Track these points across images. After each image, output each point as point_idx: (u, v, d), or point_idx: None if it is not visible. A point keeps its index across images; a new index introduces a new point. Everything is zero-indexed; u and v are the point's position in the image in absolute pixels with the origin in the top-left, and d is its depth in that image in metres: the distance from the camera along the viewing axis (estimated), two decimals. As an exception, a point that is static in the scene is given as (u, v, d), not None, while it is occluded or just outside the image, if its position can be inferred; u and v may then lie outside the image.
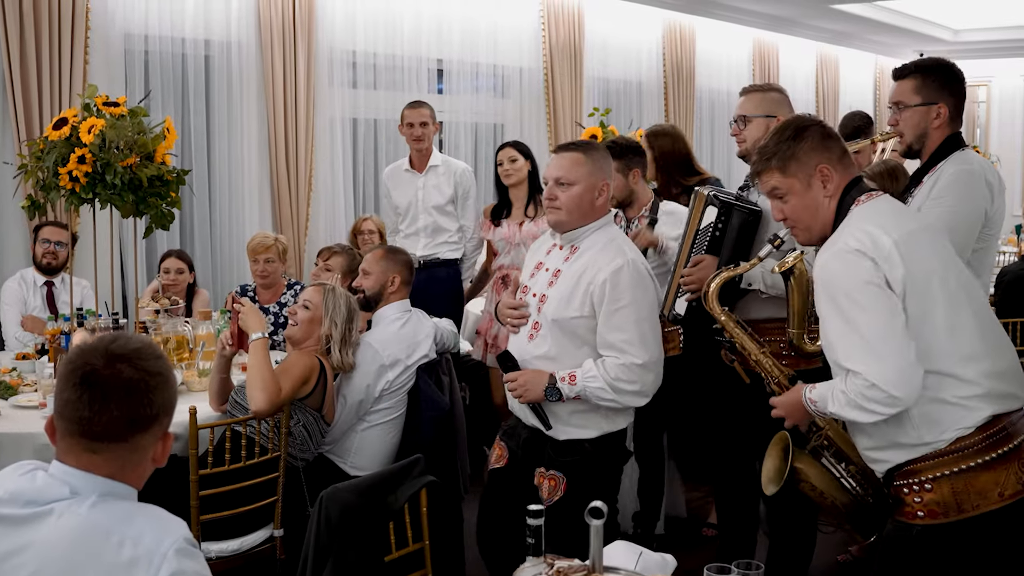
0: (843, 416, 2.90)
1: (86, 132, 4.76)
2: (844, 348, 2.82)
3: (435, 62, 8.72)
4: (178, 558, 1.97)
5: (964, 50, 13.60)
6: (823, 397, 2.95)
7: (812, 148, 2.99)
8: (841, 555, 5.34)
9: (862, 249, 2.81)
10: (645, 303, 3.60)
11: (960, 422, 2.82)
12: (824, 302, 2.88)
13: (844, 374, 2.83)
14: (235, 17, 7.27)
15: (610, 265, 3.56)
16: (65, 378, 2.04)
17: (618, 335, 3.53)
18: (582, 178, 3.62)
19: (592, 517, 2.48)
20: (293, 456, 4.35)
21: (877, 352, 2.75)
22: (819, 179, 2.98)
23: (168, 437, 2.15)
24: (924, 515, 2.86)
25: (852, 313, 2.79)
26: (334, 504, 3.20)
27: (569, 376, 3.56)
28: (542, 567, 2.48)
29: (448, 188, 6.56)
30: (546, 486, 3.69)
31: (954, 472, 2.82)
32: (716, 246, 4.17)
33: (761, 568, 2.49)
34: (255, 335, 4.28)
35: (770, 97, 4.35)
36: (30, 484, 2.06)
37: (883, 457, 2.95)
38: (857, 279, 2.80)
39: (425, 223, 6.58)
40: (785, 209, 3.05)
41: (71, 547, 1.97)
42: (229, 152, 7.36)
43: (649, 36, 10.79)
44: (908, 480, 2.89)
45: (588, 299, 3.57)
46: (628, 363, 3.52)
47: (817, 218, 3.02)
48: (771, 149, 3.04)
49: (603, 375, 3.52)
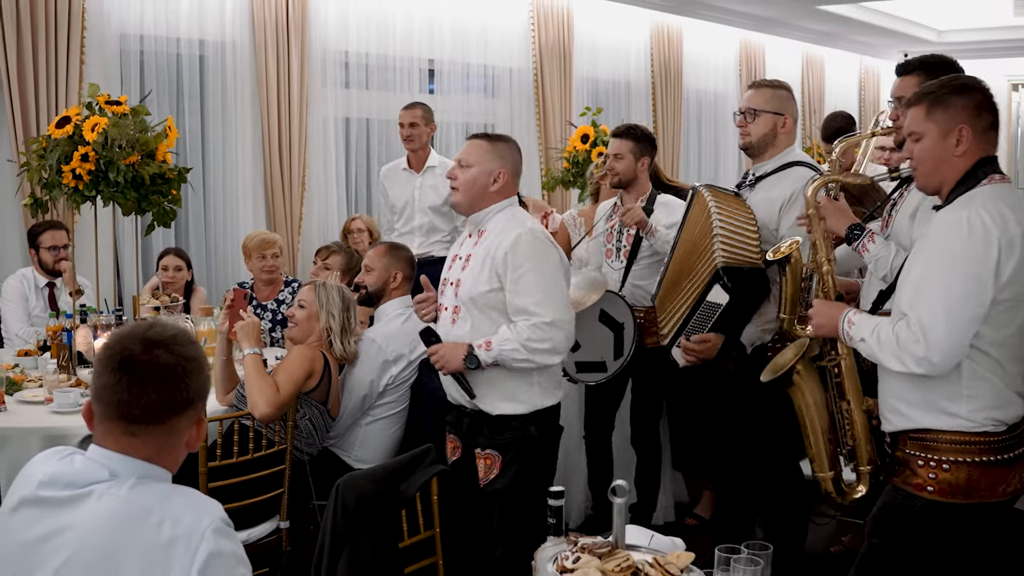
0: (872, 351, 2.99)
1: (89, 130, 4.79)
2: (920, 295, 2.89)
3: (426, 62, 8.77)
4: (216, 537, 2.02)
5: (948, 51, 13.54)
6: (863, 325, 3.04)
7: (964, 107, 3.00)
8: (835, 546, 5.41)
9: (994, 230, 2.86)
10: (548, 266, 3.70)
11: (996, 409, 2.94)
12: (930, 250, 2.94)
13: (900, 318, 2.92)
14: (229, 17, 7.30)
15: (509, 236, 3.69)
16: (103, 363, 2.09)
17: (524, 299, 3.64)
18: (479, 162, 3.81)
19: (615, 495, 2.55)
20: (299, 449, 4.40)
21: (949, 317, 2.84)
22: (955, 137, 2.99)
23: (202, 423, 2.20)
24: (934, 491, 2.97)
25: (952, 275, 2.86)
26: (351, 492, 3.25)
27: (485, 343, 3.66)
28: (564, 545, 2.54)
29: (444, 189, 6.56)
30: (482, 465, 3.77)
31: (976, 461, 2.94)
32: (722, 324, 4.22)
33: (770, 549, 2.55)
34: (247, 350, 4.34)
35: (780, 94, 4.38)
36: (69, 467, 2.10)
37: (911, 414, 3.03)
38: (976, 253, 2.86)
39: (421, 222, 6.66)
40: (915, 150, 3.07)
41: (111, 528, 2.01)
42: (223, 151, 7.39)
43: (637, 37, 10.86)
44: (926, 454, 2.99)
45: (494, 272, 3.69)
46: (537, 322, 3.61)
47: (939, 171, 3.04)
48: (930, 90, 3.05)
49: (516, 337, 3.62)
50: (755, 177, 4.39)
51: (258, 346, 4.36)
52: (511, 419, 3.71)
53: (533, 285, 3.64)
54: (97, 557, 2.00)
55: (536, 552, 2.54)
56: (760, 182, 4.36)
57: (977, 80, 3.13)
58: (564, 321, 3.67)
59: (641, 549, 2.61)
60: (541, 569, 2.47)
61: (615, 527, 2.56)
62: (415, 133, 6.60)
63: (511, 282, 3.64)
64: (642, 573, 2.43)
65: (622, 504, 2.55)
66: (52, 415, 4.39)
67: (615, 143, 5.26)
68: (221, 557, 2.01)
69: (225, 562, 2.02)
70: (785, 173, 4.29)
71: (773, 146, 4.35)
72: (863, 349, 3.05)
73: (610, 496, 2.56)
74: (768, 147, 4.35)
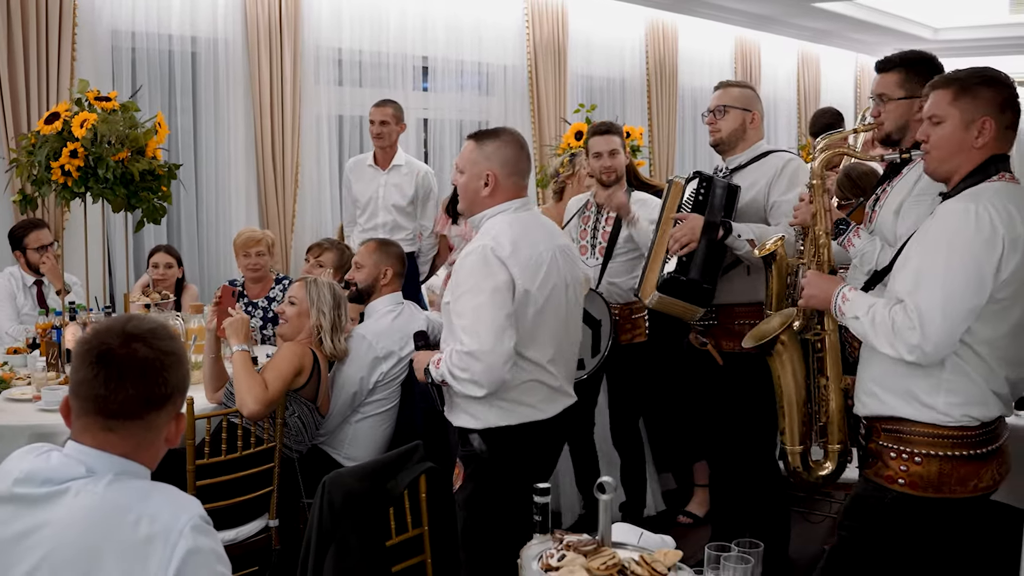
0: (864, 331, 2.96)
1: (78, 126, 4.78)
2: (919, 283, 2.87)
3: (420, 59, 8.75)
4: (194, 535, 1.99)
5: (944, 49, 13.68)
6: (858, 302, 3.01)
7: (991, 99, 2.98)
8: (828, 543, 5.38)
9: (999, 227, 2.84)
10: (486, 289, 3.40)
11: (973, 406, 2.92)
12: (934, 238, 2.91)
13: (895, 303, 2.90)
14: (222, 14, 7.27)
15: (465, 250, 3.53)
16: (81, 357, 2.06)
17: (457, 320, 3.44)
18: (468, 166, 3.62)
19: (600, 492, 2.52)
20: (288, 447, 4.37)
21: (945, 308, 2.82)
22: (977, 127, 2.97)
23: (181, 418, 2.18)
24: (904, 483, 2.98)
25: (954, 266, 2.84)
26: (337, 489, 3.23)
27: (436, 361, 3.51)
28: (550, 543, 2.51)
29: (409, 189, 6.68)
30: (455, 473, 3.66)
31: (948, 455, 2.93)
32: (701, 207, 4.30)
33: (760, 546, 2.53)
34: (236, 347, 4.31)
35: (747, 92, 4.54)
36: (45, 464, 2.08)
37: (887, 399, 3.02)
38: (980, 247, 2.84)
39: (384, 220, 6.68)
40: (932, 134, 3.03)
41: (88, 525, 1.99)
42: (216, 148, 7.37)
43: (632, 34, 10.84)
44: (898, 446, 2.99)
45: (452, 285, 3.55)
46: (459, 349, 3.39)
47: (954, 158, 3.01)
48: (961, 76, 3.02)
49: (446, 360, 3.44)
50: (728, 170, 4.51)
51: (247, 343, 4.33)
52: (467, 432, 3.57)
53: (467, 309, 3.41)
54: (74, 555, 1.98)
55: (522, 550, 2.51)
56: (735, 174, 4.47)
57: (1007, 76, 3.10)
58: (484, 352, 3.34)
59: (628, 547, 2.59)
60: (526, 567, 2.44)
61: (601, 524, 2.54)
62: (385, 131, 6.65)
63: (453, 300, 3.48)
64: (628, 571, 2.40)
65: (608, 501, 2.53)
66: (40, 413, 4.36)
67: (608, 139, 5.20)
68: (199, 554, 1.99)
69: (204, 559, 2.00)
70: (763, 161, 4.43)
71: (743, 140, 4.50)
72: (855, 327, 3.03)
73: (596, 493, 2.54)
74: (739, 142, 4.50)
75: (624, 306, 5.14)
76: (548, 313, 3.51)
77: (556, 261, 3.56)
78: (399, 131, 6.75)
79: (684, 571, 2.48)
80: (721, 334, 4.45)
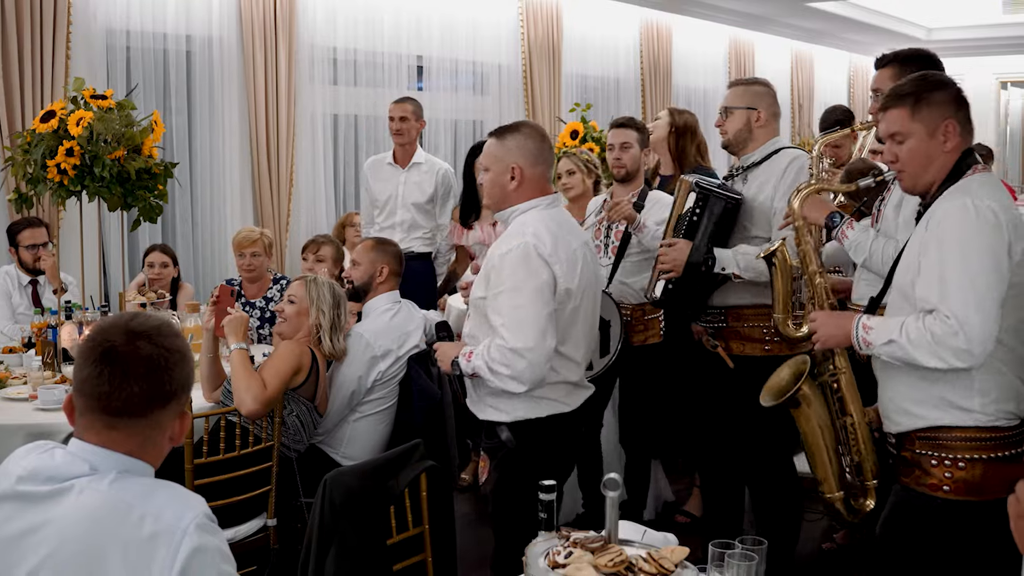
0: (904, 352, 2.88)
1: (74, 125, 4.76)
2: (946, 288, 2.83)
3: (415, 59, 8.76)
4: (199, 533, 1.98)
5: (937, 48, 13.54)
6: (885, 328, 2.95)
7: (947, 101, 2.98)
8: (826, 543, 5.38)
9: (1000, 214, 2.84)
10: (528, 288, 3.39)
11: (1008, 401, 2.91)
12: (942, 242, 2.87)
13: (925, 315, 2.85)
14: (216, 13, 7.27)
15: (502, 247, 3.51)
16: (84, 355, 2.04)
17: (497, 318, 3.43)
18: (492, 163, 3.61)
19: (608, 489, 2.51)
20: (286, 446, 4.36)
21: (979, 305, 2.79)
22: (943, 133, 2.97)
23: (186, 416, 2.16)
24: (950, 490, 2.93)
25: (972, 263, 2.81)
26: (338, 488, 3.21)
27: (468, 354, 3.50)
28: (556, 540, 2.50)
29: (429, 187, 6.63)
30: (481, 467, 3.69)
31: (991, 457, 2.90)
32: (692, 231, 4.30)
33: (764, 544, 2.51)
34: (234, 345, 4.30)
35: (752, 90, 4.48)
36: (50, 461, 2.06)
37: (921, 412, 2.97)
38: (989, 237, 2.83)
39: (403, 218, 6.63)
40: (900, 152, 3.02)
41: (92, 523, 1.97)
42: (211, 147, 7.36)
43: (626, 34, 10.84)
44: (939, 453, 2.94)
45: (487, 280, 3.53)
46: (501, 345, 3.38)
47: (928, 170, 3.01)
48: (908, 89, 3.02)
49: (483, 354, 3.43)
50: (742, 169, 4.47)
51: (244, 342, 4.32)
52: (495, 425, 3.59)
53: (508, 307, 3.40)
54: (77, 553, 1.96)
55: (527, 548, 2.50)
56: (749, 172, 4.43)
57: (946, 75, 3.13)
58: (527, 350, 3.35)
59: (634, 544, 2.58)
60: (532, 564, 2.43)
61: (608, 521, 2.53)
62: (405, 127, 6.58)
63: (491, 297, 3.47)
64: (636, 568, 2.39)
65: (615, 498, 2.51)
66: (37, 412, 4.35)
67: (622, 132, 5.21)
68: (204, 553, 1.97)
69: (209, 558, 1.98)
70: (773, 159, 4.39)
71: (752, 139, 4.44)
72: (890, 352, 2.93)
73: (603, 490, 2.52)
74: (747, 141, 4.45)
75: (637, 307, 5.11)
76: (581, 310, 3.55)
77: (586, 258, 3.59)
78: (419, 128, 6.69)
79: (689, 568, 2.46)
80: (730, 336, 4.44)
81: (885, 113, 3.06)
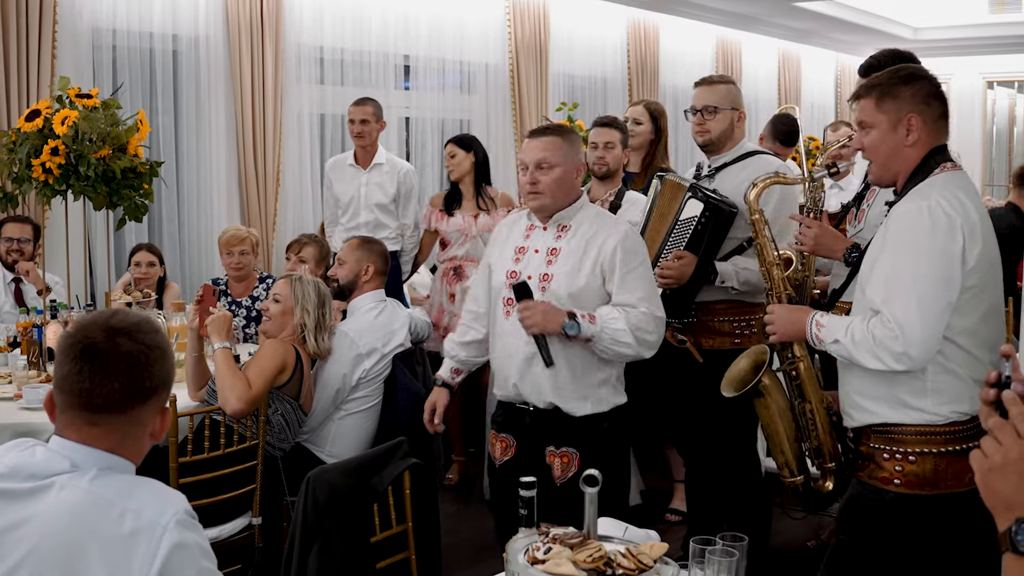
0: (848, 352, 2.94)
1: (59, 124, 4.75)
2: (891, 291, 2.87)
3: (402, 58, 8.75)
4: (179, 529, 1.99)
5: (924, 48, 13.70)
6: (834, 326, 3.00)
7: (913, 96, 3.00)
8: (811, 540, 5.40)
9: (956, 218, 2.85)
10: (647, 264, 3.72)
11: (960, 402, 2.92)
12: (894, 244, 2.91)
13: (872, 315, 2.89)
14: (203, 12, 7.25)
15: (616, 233, 3.64)
16: (65, 352, 2.05)
17: (637, 293, 3.58)
18: (562, 161, 3.63)
19: (587, 485, 2.52)
20: (271, 445, 4.37)
21: (921, 310, 2.82)
22: (904, 126, 2.99)
23: (166, 412, 2.17)
24: (901, 483, 2.96)
25: (920, 267, 2.84)
26: (321, 486, 3.22)
27: (589, 315, 3.54)
28: (536, 536, 2.51)
29: (391, 187, 6.65)
30: (558, 463, 3.69)
31: (942, 452, 2.93)
32: (697, 243, 4.28)
33: (745, 540, 2.52)
34: (218, 344, 4.30)
35: (733, 90, 4.52)
36: (30, 458, 2.07)
37: (874, 409, 3.00)
38: (941, 242, 2.84)
39: (367, 219, 6.65)
40: (865, 141, 3.06)
41: (73, 520, 1.98)
42: (197, 147, 7.34)
43: (613, 33, 10.85)
44: (891, 447, 2.97)
45: (598, 267, 3.60)
46: (651, 313, 3.57)
47: (893, 162, 3.03)
48: (880, 81, 3.05)
49: (626, 319, 3.53)
50: (713, 168, 4.49)
51: (228, 340, 4.32)
52: (595, 418, 3.68)
53: (645, 281, 3.64)
54: (58, 548, 1.97)
55: (508, 544, 2.51)
56: (720, 172, 4.46)
57: (924, 69, 3.14)
58: (664, 321, 3.70)
59: (614, 540, 2.59)
60: (512, 560, 2.44)
61: (587, 517, 2.54)
62: (366, 130, 6.60)
63: (620, 277, 3.58)
64: (614, 563, 2.40)
65: (594, 494, 2.53)
66: (22, 411, 4.34)
67: (606, 132, 5.24)
68: (185, 549, 1.99)
69: (189, 554, 2.00)
70: (748, 162, 4.40)
71: (731, 139, 4.48)
72: (835, 350, 3.01)
73: (582, 486, 2.53)
74: (727, 141, 4.47)
75: None
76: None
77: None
78: (379, 129, 6.72)
79: (670, 564, 2.48)
80: (700, 331, 4.46)
81: (857, 101, 3.11)
